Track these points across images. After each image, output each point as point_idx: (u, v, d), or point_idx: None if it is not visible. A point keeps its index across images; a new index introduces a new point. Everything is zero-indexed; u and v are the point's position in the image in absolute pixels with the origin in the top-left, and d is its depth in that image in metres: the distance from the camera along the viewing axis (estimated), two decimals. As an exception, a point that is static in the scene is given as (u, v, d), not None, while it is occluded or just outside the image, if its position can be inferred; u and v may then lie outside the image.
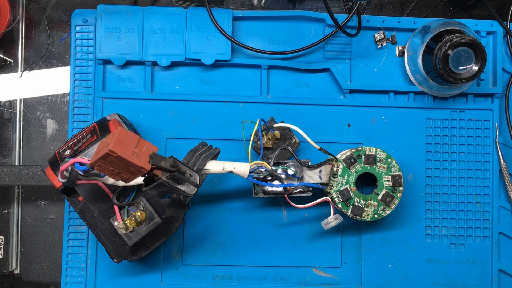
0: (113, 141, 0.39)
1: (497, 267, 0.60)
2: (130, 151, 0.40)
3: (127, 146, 0.40)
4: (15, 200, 0.62)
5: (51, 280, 0.61)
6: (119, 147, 0.39)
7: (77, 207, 0.52)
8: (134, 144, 0.41)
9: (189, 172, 0.45)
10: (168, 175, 0.42)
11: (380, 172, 0.55)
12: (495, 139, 0.61)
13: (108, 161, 0.40)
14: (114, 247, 0.52)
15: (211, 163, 0.49)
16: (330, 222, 0.55)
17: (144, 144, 0.41)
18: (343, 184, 0.54)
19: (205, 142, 0.51)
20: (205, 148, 0.50)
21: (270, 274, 0.60)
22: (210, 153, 0.49)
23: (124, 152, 0.40)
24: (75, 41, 0.59)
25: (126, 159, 0.40)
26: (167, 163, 0.42)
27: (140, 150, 0.41)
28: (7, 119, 0.62)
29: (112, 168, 0.41)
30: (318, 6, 0.65)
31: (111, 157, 0.40)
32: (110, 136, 0.40)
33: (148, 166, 0.41)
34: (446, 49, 0.55)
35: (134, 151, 0.40)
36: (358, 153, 0.55)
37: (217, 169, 0.49)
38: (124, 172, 0.41)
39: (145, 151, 0.41)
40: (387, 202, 0.55)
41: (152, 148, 0.42)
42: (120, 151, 0.39)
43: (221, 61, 0.59)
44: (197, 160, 0.48)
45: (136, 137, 0.41)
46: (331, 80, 0.61)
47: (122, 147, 0.40)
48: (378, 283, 0.60)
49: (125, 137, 0.40)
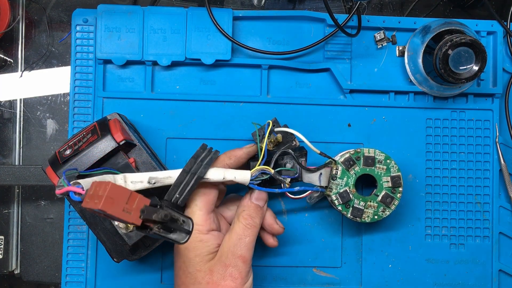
0: (103, 199, 0.39)
1: (497, 267, 0.60)
2: (120, 208, 0.40)
3: (118, 203, 0.40)
4: (15, 200, 0.62)
5: (51, 280, 0.61)
6: (109, 205, 0.39)
7: (77, 207, 0.52)
8: (125, 199, 0.40)
9: (182, 219, 0.45)
10: (160, 226, 0.42)
11: (379, 173, 0.55)
12: (495, 139, 0.61)
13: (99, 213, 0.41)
14: (114, 247, 0.52)
15: (211, 172, 0.49)
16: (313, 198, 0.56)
17: (135, 198, 0.41)
18: (342, 186, 0.54)
19: (205, 145, 0.51)
20: (206, 153, 0.50)
21: (270, 274, 0.60)
22: (211, 158, 0.49)
23: (114, 211, 0.39)
24: (75, 41, 0.59)
25: (116, 217, 0.40)
26: (159, 215, 0.42)
27: (131, 206, 0.40)
28: (7, 119, 0.62)
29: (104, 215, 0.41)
30: (318, 6, 0.65)
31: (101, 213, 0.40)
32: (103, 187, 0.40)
33: (139, 221, 0.41)
34: (447, 49, 0.55)
35: (125, 207, 0.40)
36: (357, 154, 0.55)
37: (217, 177, 0.49)
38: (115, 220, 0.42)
39: (136, 206, 0.41)
40: (386, 203, 0.55)
41: (144, 202, 0.41)
42: (110, 210, 0.39)
43: (221, 61, 0.59)
44: (198, 168, 0.48)
45: (127, 192, 0.41)
46: (331, 80, 0.61)
47: (113, 205, 0.39)
48: (378, 283, 0.60)
49: (116, 194, 0.40)
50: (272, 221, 0.53)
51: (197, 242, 0.48)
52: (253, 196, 0.51)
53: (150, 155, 0.53)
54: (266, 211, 0.53)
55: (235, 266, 0.48)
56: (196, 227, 0.48)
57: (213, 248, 0.48)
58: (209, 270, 0.47)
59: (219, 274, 0.47)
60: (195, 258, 0.48)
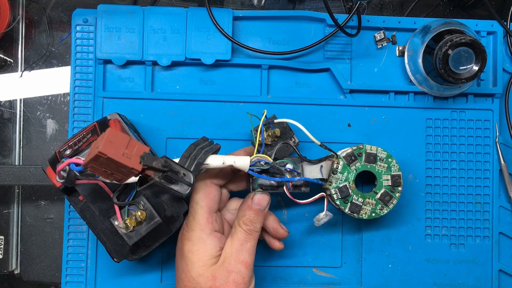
0: (103, 142, 0.39)
1: (497, 267, 0.60)
2: (120, 152, 0.39)
3: (118, 148, 0.39)
4: (15, 200, 0.62)
5: (51, 280, 0.61)
6: (109, 148, 0.39)
7: (77, 207, 0.52)
8: (124, 145, 0.40)
9: (182, 172, 0.44)
10: (161, 175, 0.42)
11: (380, 171, 0.55)
12: (495, 139, 0.61)
13: (100, 162, 0.40)
14: (114, 247, 0.52)
15: (211, 158, 0.48)
16: (322, 218, 0.55)
17: (135, 144, 0.41)
18: (342, 181, 0.54)
19: (206, 137, 0.51)
20: (207, 143, 0.49)
21: (270, 274, 0.60)
22: (211, 148, 0.49)
23: (114, 154, 0.39)
24: (75, 41, 0.59)
25: (116, 161, 0.39)
26: (159, 163, 0.41)
27: (131, 151, 0.40)
28: (7, 119, 0.62)
29: (105, 169, 0.41)
30: (318, 6, 0.65)
31: (101, 158, 0.39)
32: (101, 137, 0.40)
33: (139, 167, 0.40)
34: (447, 49, 0.55)
35: (125, 152, 0.40)
36: (359, 151, 0.55)
37: (217, 163, 0.48)
38: (116, 173, 0.41)
39: (136, 152, 0.41)
40: (385, 201, 0.55)
41: (143, 149, 0.41)
42: (110, 153, 0.39)
43: (221, 61, 0.59)
44: (198, 154, 0.47)
45: (126, 138, 0.41)
46: (331, 80, 0.61)
47: (112, 148, 0.39)
48: (378, 283, 0.60)
49: (115, 138, 0.40)
50: (276, 225, 0.54)
51: (200, 244, 0.48)
52: (254, 201, 0.50)
53: (150, 155, 0.53)
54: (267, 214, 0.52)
55: (238, 272, 0.48)
56: (199, 227, 0.48)
57: (216, 251, 0.48)
58: (211, 276, 0.47)
59: (222, 280, 0.47)
60: (198, 262, 0.48)
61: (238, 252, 0.48)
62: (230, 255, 0.48)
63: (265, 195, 0.51)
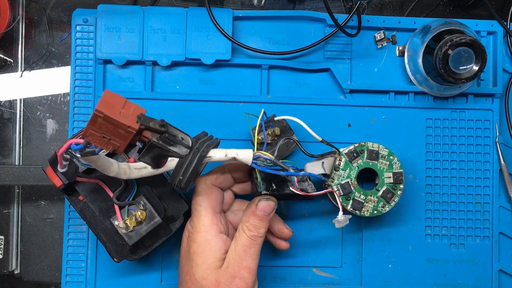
0: (99, 102, 0.39)
1: (497, 267, 0.60)
2: (117, 111, 0.39)
3: (114, 107, 0.39)
4: (15, 200, 0.62)
5: (51, 280, 0.61)
6: (106, 107, 0.39)
7: (77, 207, 0.52)
8: (121, 105, 0.40)
9: (180, 136, 0.44)
10: (159, 137, 0.41)
11: (382, 169, 0.55)
12: (495, 139, 0.61)
13: (98, 125, 0.40)
14: (114, 247, 0.52)
15: (213, 151, 0.47)
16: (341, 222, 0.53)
17: (131, 105, 0.41)
18: (344, 178, 0.54)
19: (206, 132, 0.50)
20: (207, 137, 0.49)
21: (270, 274, 0.60)
22: (212, 142, 0.48)
23: (111, 112, 0.39)
24: (75, 40, 0.59)
25: (113, 118, 0.39)
26: (156, 124, 0.41)
27: (127, 111, 0.40)
28: (7, 119, 0.62)
29: (103, 135, 0.40)
30: (318, 6, 0.65)
31: (99, 119, 0.39)
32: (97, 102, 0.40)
33: (136, 126, 0.40)
34: (447, 49, 0.55)
35: (122, 111, 0.40)
36: (361, 148, 0.55)
37: (219, 156, 0.48)
38: (114, 138, 0.40)
39: (132, 112, 0.40)
40: (387, 198, 0.55)
41: (140, 110, 0.41)
42: (106, 111, 0.39)
43: (221, 61, 0.59)
44: (200, 147, 0.47)
45: (123, 99, 0.40)
46: (331, 80, 0.61)
47: (109, 107, 0.39)
48: (378, 283, 0.60)
49: (111, 98, 0.40)
50: (281, 226, 0.54)
51: (205, 246, 0.48)
52: (259, 207, 0.49)
53: (150, 155, 0.53)
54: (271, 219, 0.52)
55: (241, 278, 0.48)
56: (204, 228, 0.48)
57: (220, 254, 0.48)
58: (215, 281, 0.47)
59: (225, 285, 0.47)
60: (203, 264, 0.48)
61: (241, 257, 0.48)
62: (234, 260, 0.48)
63: (271, 201, 0.50)
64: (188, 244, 0.49)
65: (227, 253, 0.49)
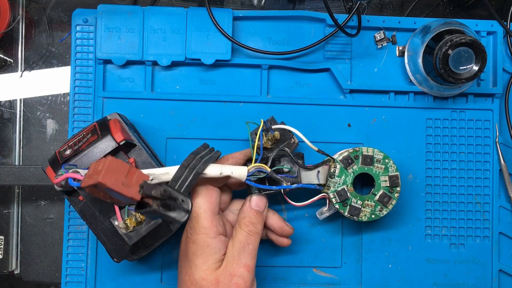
0: (103, 171, 0.39)
1: (497, 267, 0.60)
2: (120, 182, 0.40)
3: (117, 176, 0.40)
4: (15, 200, 0.62)
5: (51, 280, 0.61)
6: (109, 178, 0.39)
7: (77, 207, 0.52)
8: (124, 173, 0.40)
9: (181, 198, 0.45)
10: (159, 203, 0.42)
11: (377, 173, 0.55)
12: (495, 139, 0.61)
13: (98, 189, 0.40)
14: (114, 247, 0.52)
15: (209, 168, 0.48)
16: (324, 212, 0.56)
17: (134, 173, 0.41)
18: (340, 184, 0.54)
19: (207, 144, 0.51)
20: (207, 151, 0.50)
21: (270, 274, 0.60)
22: (211, 157, 0.49)
23: (113, 183, 0.39)
24: (75, 41, 0.59)
25: (116, 190, 0.40)
26: (158, 191, 0.41)
27: (130, 180, 0.41)
28: (7, 119, 0.62)
29: (103, 194, 0.41)
30: (318, 6, 0.65)
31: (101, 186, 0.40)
32: (102, 163, 0.40)
33: (138, 196, 0.41)
34: (447, 49, 0.55)
35: (124, 181, 0.40)
36: (356, 153, 0.55)
37: (214, 173, 0.49)
38: (114, 199, 0.42)
39: (135, 181, 0.41)
40: (384, 202, 0.55)
41: (143, 177, 0.41)
42: (109, 183, 0.39)
43: (221, 61, 0.59)
44: (197, 163, 0.48)
45: (126, 166, 0.41)
46: (331, 80, 0.61)
47: (112, 177, 0.39)
48: (378, 283, 0.60)
49: (115, 166, 0.40)
50: (282, 224, 0.55)
51: (204, 248, 0.48)
52: (253, 202, 0.51)
53: (150, 155, 0.53)
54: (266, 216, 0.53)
55: (240, 276, 0.48)
56: (203, 230, 0.48)
57: (220, 255, 0.48)
58: (215, 280, 0.48)
59: (225, 284, 0.47)
60: (202, 265, 0.48)
61: (240, 255, 0.48)
62: (232, 258, 0.48)
63: (262, 197, 0.52)
64: (187, 245, 0.49)
65: (226, 252, 0.49)
